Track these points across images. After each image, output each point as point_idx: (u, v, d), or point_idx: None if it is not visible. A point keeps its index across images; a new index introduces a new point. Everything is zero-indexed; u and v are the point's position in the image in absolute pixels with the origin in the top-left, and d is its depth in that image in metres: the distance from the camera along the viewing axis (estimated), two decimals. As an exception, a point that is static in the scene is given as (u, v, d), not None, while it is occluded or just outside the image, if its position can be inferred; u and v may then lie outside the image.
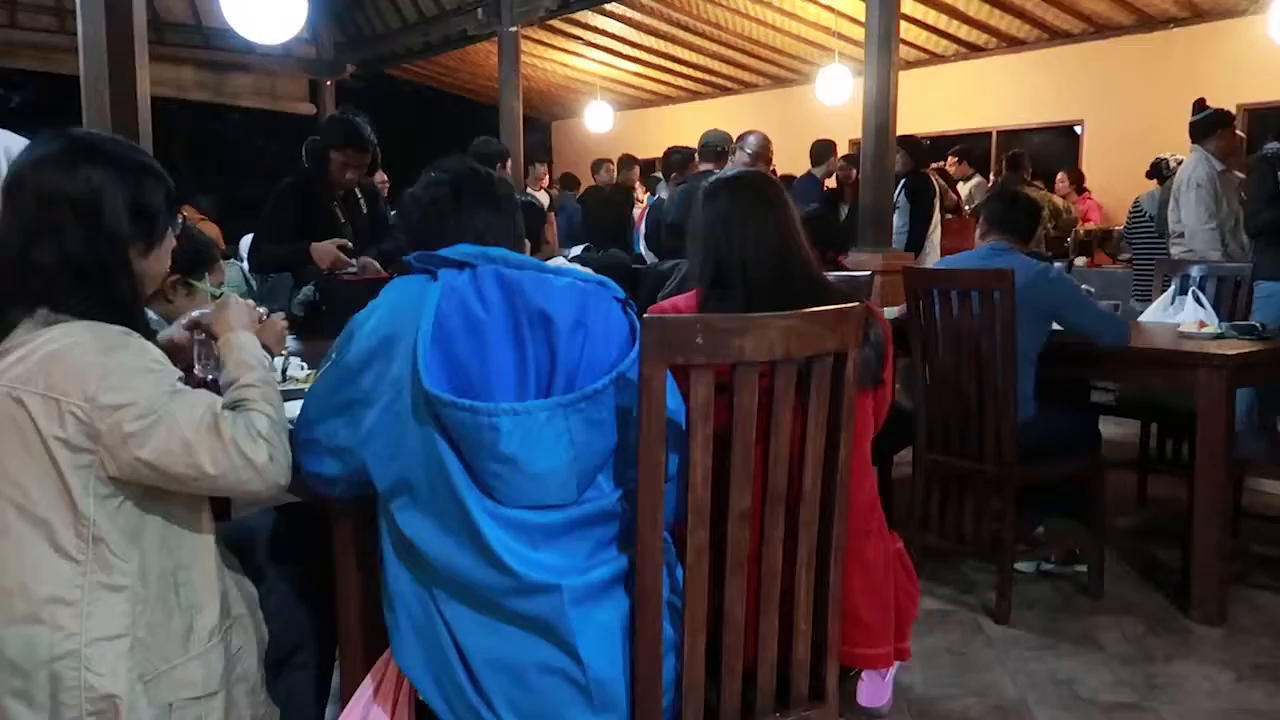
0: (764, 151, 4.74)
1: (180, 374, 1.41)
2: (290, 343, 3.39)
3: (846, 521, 1.54)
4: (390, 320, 1.37)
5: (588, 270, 2.63)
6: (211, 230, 8.45)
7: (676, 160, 6.11)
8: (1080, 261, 7.13)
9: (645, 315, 1.29)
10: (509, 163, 5.49)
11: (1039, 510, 3.39)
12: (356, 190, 3.91)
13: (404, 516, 1.37)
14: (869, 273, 3.04)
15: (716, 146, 5.15)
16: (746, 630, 1.45)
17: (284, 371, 2.24)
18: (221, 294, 2.34)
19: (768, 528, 1.45)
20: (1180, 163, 6.06)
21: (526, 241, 1.66)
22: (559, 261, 3.10)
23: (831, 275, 3.01)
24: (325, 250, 3.55)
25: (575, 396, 1.33)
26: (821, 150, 7.00)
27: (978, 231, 3.34)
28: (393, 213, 4.58)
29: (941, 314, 3.08)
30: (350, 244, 3.62)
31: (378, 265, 3.58)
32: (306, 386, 2.20)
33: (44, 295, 1.35)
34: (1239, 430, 3.48)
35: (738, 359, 1.33)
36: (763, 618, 1.48)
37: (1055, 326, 3.15)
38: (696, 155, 5.33)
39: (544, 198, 8.44)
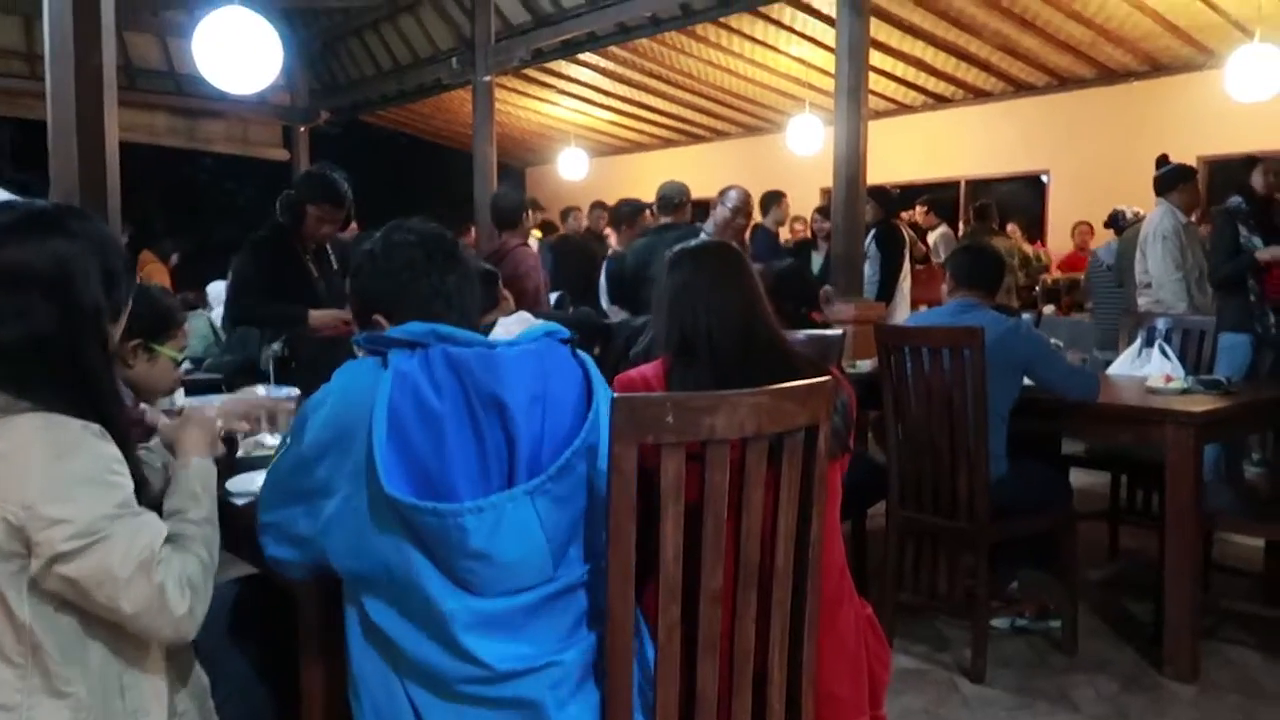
0: (745, 206, 4.72)
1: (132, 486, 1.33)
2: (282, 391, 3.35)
3: (820, 596, 1.52)
4: (343, 412, 1.34)
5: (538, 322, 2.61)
6: (161, 276, 8.40)
7: (626, 212, 6.14)
8: (1049, 310, 7.22)
9: (615, 396, 1.28)
10: (529, 213, 5.43)
11: (1012, 564, 3.39)
12: (328, 244, 3.89)
13: (371, 604, 1.34)
14: (839, 331, 3.05)
15: (674, 199, 5.02)
16: (719, 711, 1.42)
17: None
18: (184, 358, 2.31)
19: (740, 605, 1.43)
20: (1137, 214, 6.20)
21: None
22: (517, 318, 3.10)
23: (802, 333, 3.03)
24: (325, 320, 3.53)
25: (539, 481, 1.32)
26: (767, 200, 7.10)
27: (944, 286, 3.37)
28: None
29: (913, 371, 3.09)
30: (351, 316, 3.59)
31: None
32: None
33: (6, 381, 1.28)
34: (1207, 481, 3.51)
35: (708, 437, 1.32)
36: (735, 698, 1.45)
37: (1026, 382, 3.18)
38: (654, 207, 5.29)
39: (534, 244, 8.46)
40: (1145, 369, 3.97)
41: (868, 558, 3.60)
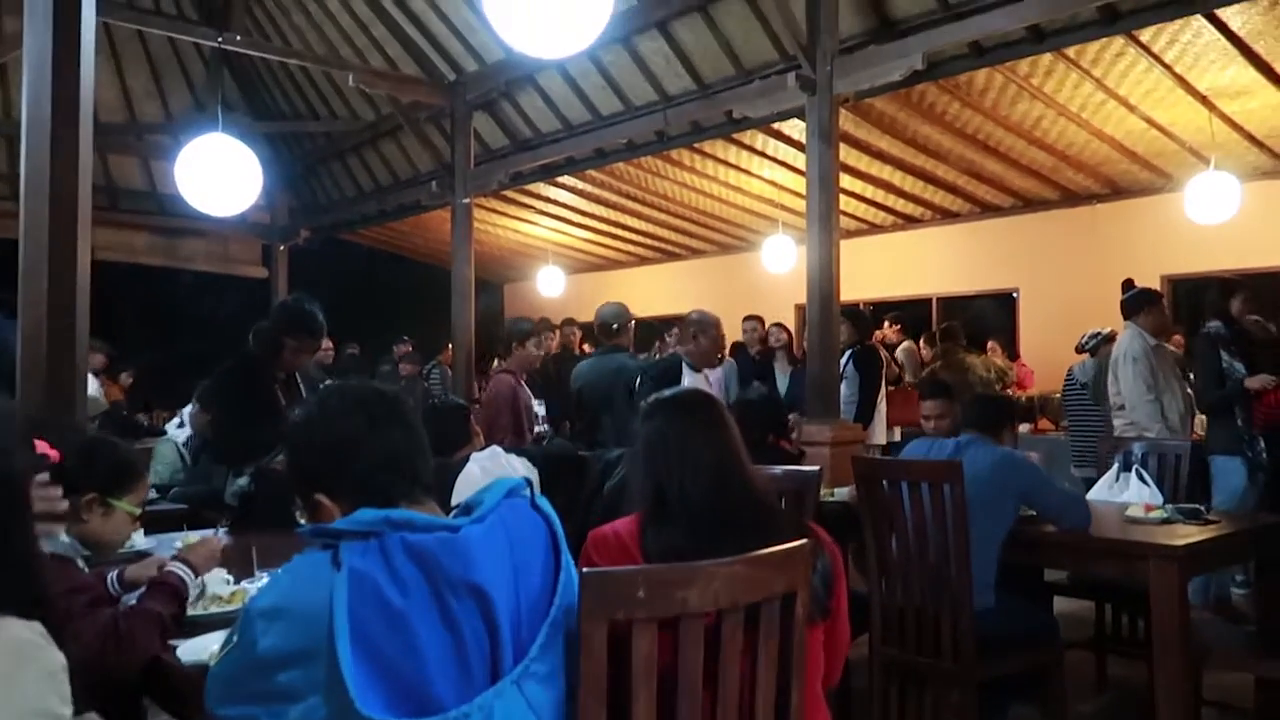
0: (710, 329, 4.70)
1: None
2: (222, 535, 3.26)
3: (801, 771, 1.45)
4: (300, 625, 1.23)
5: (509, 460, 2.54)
6: (114, 393, 8.29)
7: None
8: (1024, 428, 7.24)
9: (585, 572, 1.23)
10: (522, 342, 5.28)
11: (1001, 702, 3.29)
12: (297, 373, 3.88)
13: None
14: (816, 467, 3.02)
15: (612, 323, 4.91)
16: None
17: (203, 590, 2.11)
18: (141, 512, 2.23)
19: (718, 787, 1.35)
20: (1097, 335, 6.30)
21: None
22: (489, 454, 3.05)
23: (778, 469, 3.00)
24: None
25: (524, 666, 1.25)
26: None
27: (939, 425, 3.41)
28: None
29: (893, 504, 3.05)
30: None
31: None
32: (232, 608, 2.08)
33: None
34: (1194, 606, 3.45)
35: (681, 611, 1.27)
36: None
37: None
38: (595, 328, 5.25)
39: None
40: (1124, 495, 3.97)
41: (851, 696, 3.49)
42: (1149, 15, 5.23)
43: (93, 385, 8.09)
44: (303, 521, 1.51)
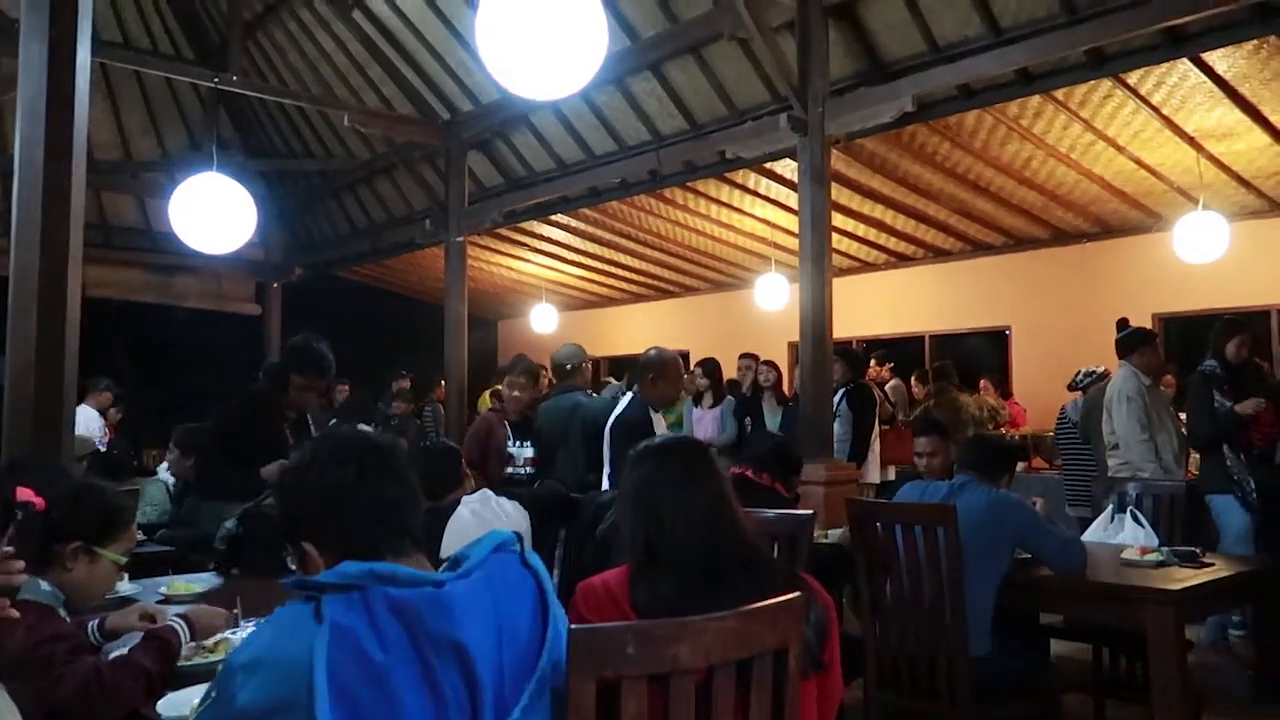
0: (666, 368, 4.31)
1: None
2: (210, 577, 3.22)
3: (795, 830, 1.42)
4: (280, 679, 1.22)
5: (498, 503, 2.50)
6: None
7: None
8: (1018, 467, 7.20)
9: (573, 628, 1.21)
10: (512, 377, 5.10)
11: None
12: (308, 414, 3.89)
13: None
14: (810, 511, 3.00)
15: (565, 364, 4.87)
16: None
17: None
18: (125, 560, 2.20)
19: None
20: (1091, 374, 6.30)
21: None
22: (479, 497, 3.03)
23: (771, 512, 2.97)
24: (274, 474, 3.49)
25: None
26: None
27: (931, 462, 3.39)
28: None
29: (887, 547, 3.03)
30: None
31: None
32: (216, 657, 2.04)
33: None
34: (1198, 655, 3.42)
35: (672, 668, 1.25)
36: None
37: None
38: (550, 369, 5.20)
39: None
40: (1119, 537, 3.95)
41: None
42: (1136, 58, 5.31)
43: (96, 424, 8.02)
44: (293, 568, 1.49)
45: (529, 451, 4.66)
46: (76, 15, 3.16)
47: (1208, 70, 5.47)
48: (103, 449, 7.69)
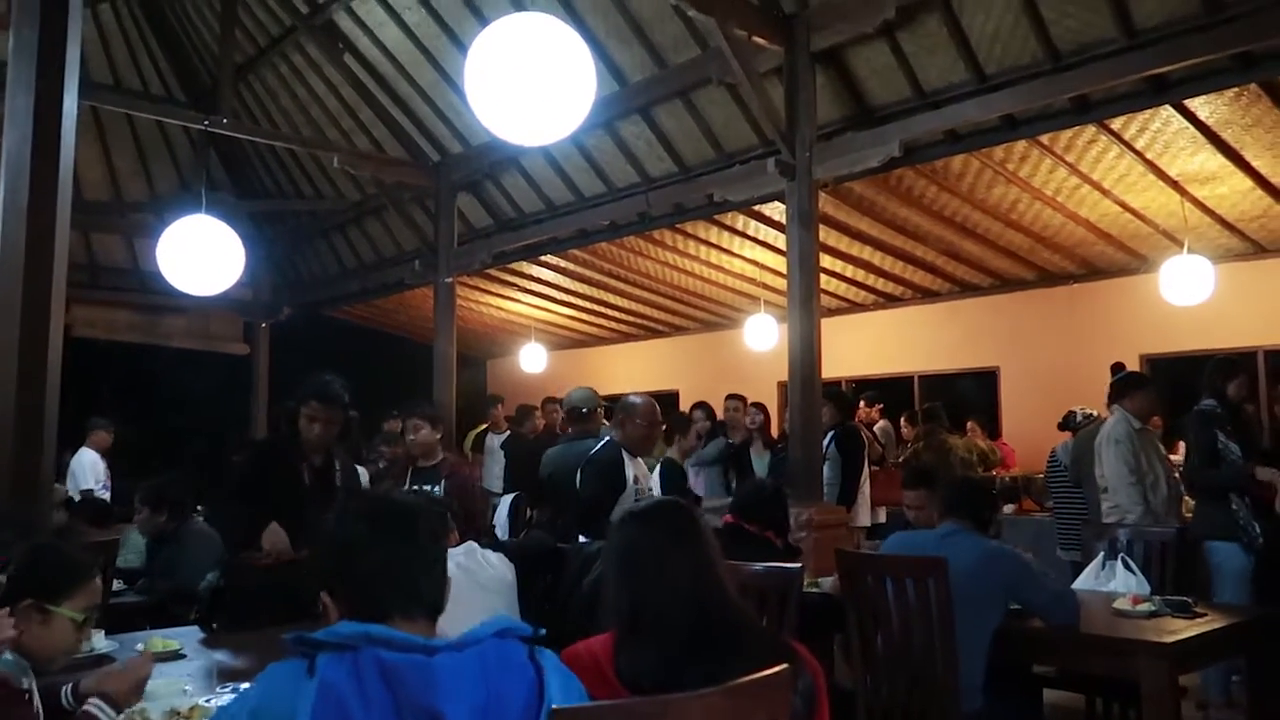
0: (636, 413, 4.30)
1: None
2: (191, 631, 3.15)
3: None
4: None
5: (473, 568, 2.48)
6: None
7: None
8: (1009, 509, 7.19)
9: (553, 708, 1.18)
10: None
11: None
12: (335, 461, 3.69)
13: None
14: (798, 565, 2.96)
15: (581, 408, 4.81)
16: None
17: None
18: (86, 619, 2.09)
19: None
20: (1088, 415, 6.29)
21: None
22: (464, 550, 2.98)
23: (759, 565, 2.94)
24: (272, 542, 3.32)
25: None
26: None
27: (920, 515, 3.35)
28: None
29: (877, 598, 3.00)
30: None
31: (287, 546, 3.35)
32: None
33: None
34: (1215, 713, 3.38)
35: (656, 748, 1.21)
36: None
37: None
38: (564, 413, 5.12)
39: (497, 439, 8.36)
40: (1110, 584, 3.92)
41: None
42: (1119, 105, 5.37)
43: (100, 467, 7.87)
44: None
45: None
46: (64, 67, 3.16)
47: (1190, 116, 5.53)
48: (106, 493, 7.56)
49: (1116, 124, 5.70)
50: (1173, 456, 6.20)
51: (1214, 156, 5.99)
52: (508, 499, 6.03)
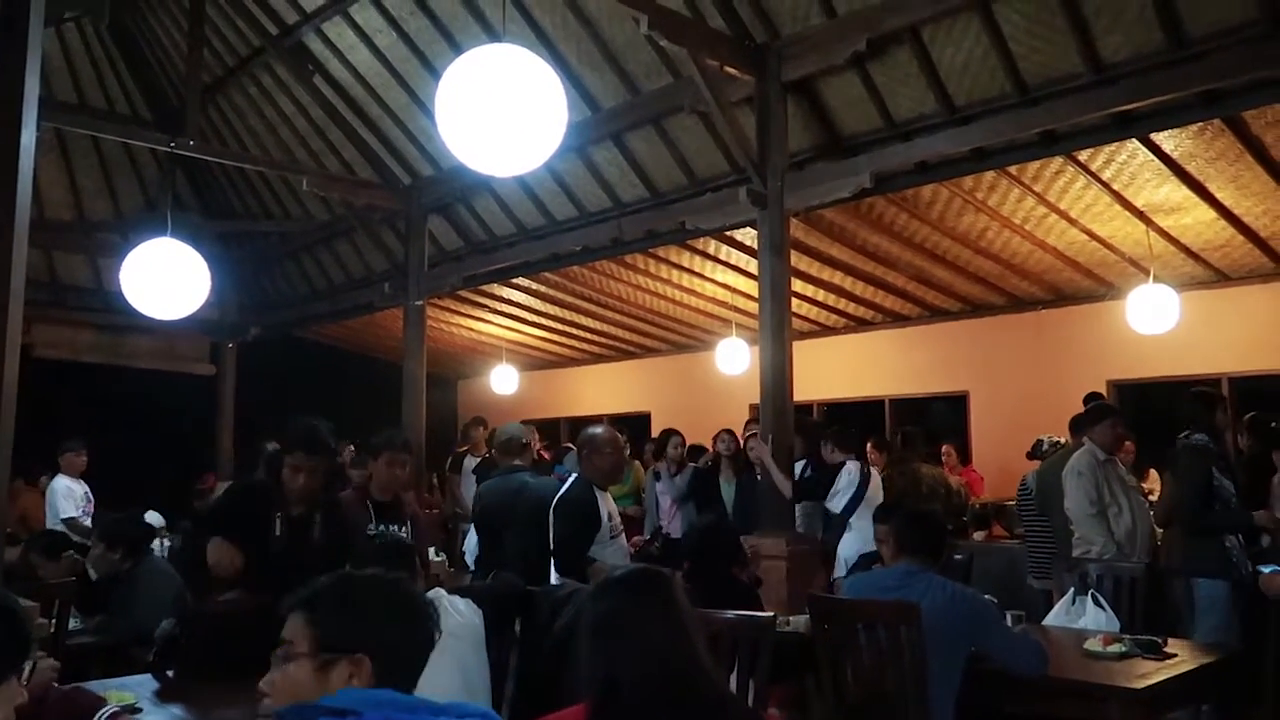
0: (600, 446, 4.17)
1: None
2: (146, 680, 3.06)
3: None
4: None
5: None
6: (35, 507, 7.60)
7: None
8: (979, 535, 7.20)
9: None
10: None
11: None
12: (317, 514, 3.48)
13: None
14: (771, 614, 2.92)
15: (511, 444, 4.80)
16: None
17: None
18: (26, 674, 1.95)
19: None
20: (1055, 444, 6.32)
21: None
22: (431, 596, 2.92)
23: (730, 613, 2.90)
24: (217, 558, 3.21)
25: None
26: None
27: (886, 550, 3.31)
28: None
29: (848, 643, 2.97)
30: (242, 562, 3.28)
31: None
32: None
33: None
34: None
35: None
36: None
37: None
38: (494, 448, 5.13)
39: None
40: (1081, 621, 3.92)
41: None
42: (1086, 138, 5.42)
43: (79, 491, 7.57)
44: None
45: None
46: (23, 100, 3.08)
47: (1156, 150, 5.59)
48: (87, 521, 7.29)
49: (1084, 156, 5.75)
50: (1144, 484, 6.24)
51: (1179, 188, 6.06)
52: (472, 540, 5.96)
